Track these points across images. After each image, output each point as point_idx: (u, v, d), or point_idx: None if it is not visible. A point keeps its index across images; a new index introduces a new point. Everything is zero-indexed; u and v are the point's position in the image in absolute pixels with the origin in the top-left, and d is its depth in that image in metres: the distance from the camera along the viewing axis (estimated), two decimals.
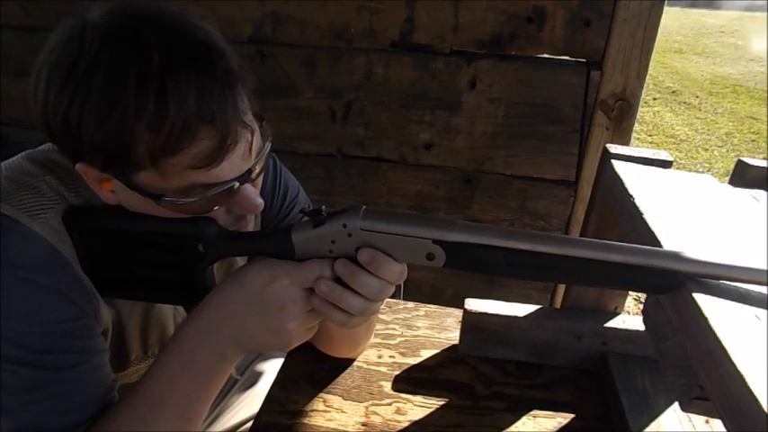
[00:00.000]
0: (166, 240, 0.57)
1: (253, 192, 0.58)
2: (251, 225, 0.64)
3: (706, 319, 0.41)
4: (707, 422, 0.71)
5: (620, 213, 0.65)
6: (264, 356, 1.05)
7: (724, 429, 0.39)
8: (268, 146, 0.60)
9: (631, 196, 0.62)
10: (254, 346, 0.58)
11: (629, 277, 0.49)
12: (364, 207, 0.54)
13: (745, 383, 0.35)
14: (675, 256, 0.48)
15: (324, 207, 0.55)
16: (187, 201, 0.54)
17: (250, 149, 0.56)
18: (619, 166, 0.71)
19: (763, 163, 0.68)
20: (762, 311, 0.43)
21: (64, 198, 0.58)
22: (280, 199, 0.80)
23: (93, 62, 0.49)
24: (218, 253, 0.58)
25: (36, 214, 0.55)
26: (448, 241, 0.52)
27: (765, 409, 0.33)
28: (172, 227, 0.57)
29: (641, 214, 0.58)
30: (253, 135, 0.56)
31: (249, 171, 0.57)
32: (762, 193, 0.65)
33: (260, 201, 0.59)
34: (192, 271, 0.58)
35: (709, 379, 0.40)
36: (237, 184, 0.55)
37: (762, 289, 0.46)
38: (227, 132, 0.52)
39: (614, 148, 0.74)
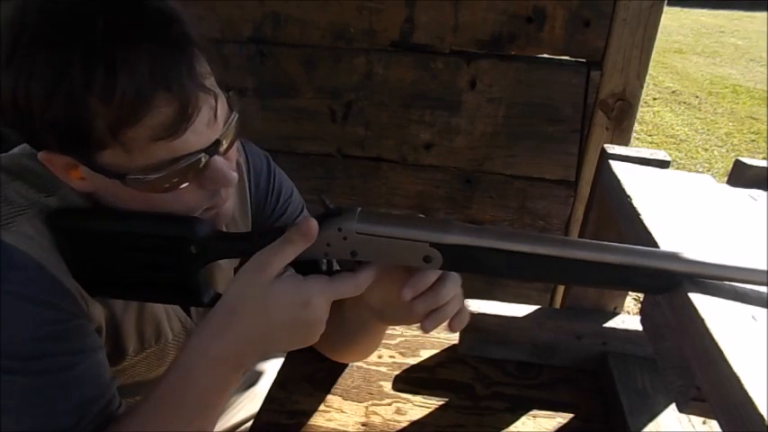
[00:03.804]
0: (157, 242, 0.56)
1: (224, 164, 0.56)
2: (230, 204, 0.62)
3: (703, 320, 0.41)
4: (704, 422, 0.71)
5: (617, 213, 0.66)
6: (266, 356, 1.05)
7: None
8: (236, 115, 0.57)
9: (629, 196, 0.62)
10: (275, 353, 0.58)
11: (626, 278, 0.49)
12: (359, 209, 0.53)
13: (742, 385, 0.35)
14: (672, 257, 0.48)
15: (323, 197, 0.53)
16: (154, 176, 0.51)
17: (215, 117, 0.54)
18: (616, 166, 0.71)
19: (760, 162, 0.68)
20: (758, 312, 0.43)
21: (35, 203, 0.56)
22: (274, 199, 0.79)
23: (35, 35, 0.48)
24: (211, 254, 0.57)
25: (6, 224, 0.53)
26: (445, 244, 0.52)
27: (761, 411, 0.33)
28: (162, 228, 0.56)
29: (638, 215, 0.58)
30: (217, 101, 0.54)
31: (217, 142, 0.54)
32: (760, 192, 0.65)
33: (233, 174, 0.57)
34: (185, 272, 0.57)
35: (705, 380, 0.40)
36: (206, 156, 0.53)
37: (759, 288, 0.46)
38: (187, 99, 0.50)
39: (612, 149, 0.75)
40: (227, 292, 0.55)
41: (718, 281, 0.46)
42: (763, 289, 0.46)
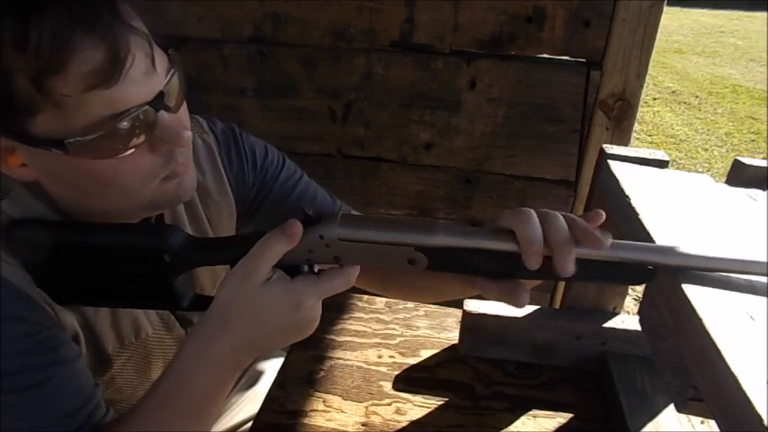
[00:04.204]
0: (129, 254, 0.54)
1: (174, 120, 0.53)
2: (194, 174, 0.60)
3: (700, 319, 0.41)
4: (702, 422, 0.71)
5: (616, 214, 0.66)
6: (265, 356, 1.05)
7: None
8: (176, 72, 0.54)
9: (627, 196, 0.62)
10: (272, 351, 0.57)
11: (607, 272, 0.50)
12: (341, 215, 0.52)
13: (739, 385, 0.35)
14: (648, 249, 0.48)
15: (305, 209, 0.52)
16: (96, 136, 0.47)
17: (153, 65, 0.50)
18: (615, 166, 0.71)
19: (759, 162, 0.68)
20: (756, 312, 0.43)
21: None
22: (251, 166, 0.76)
23: None
24: (186, 264, 0.56)
25: None
26: (430, 247, 0.51)
27: (758, 411, 0.33)
28: (133, 239, 0.54)
29: (637, 214, 0.58)
30: (152, 46, 0.50)
31: (161, 95, 0.51)
32: (758, 192, 0.65)
33: (187, 132, 0.54)
34: (161, 281, 0.55)
35: (703, 380, 0.40)
36: (152, 110, 0.50)
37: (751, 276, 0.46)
38: (115, 40, 0.46)
39: (611, 149, 0.75)
40: (218, 299, 0.53)
41: (692, 270, 0.47)
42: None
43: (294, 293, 0.51)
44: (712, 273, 0.47)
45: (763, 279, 0.46)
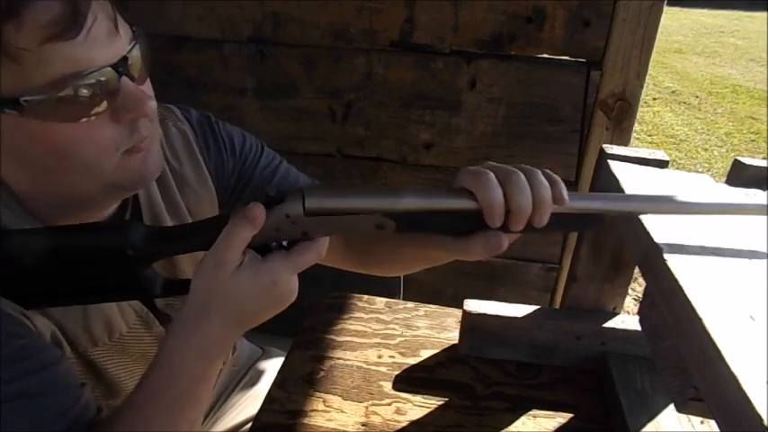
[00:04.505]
0: (93, 254, 0.53)
1: (137, 88, 0.52)
2: (159, 151, 0.58)
3: (700, 319, 0.41)
4: (702, 422, 0.71)
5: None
6: (266, 356, 1.05)
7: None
8: (138, 44, 0.53)
9: None
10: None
11: (562, 222, 0.54)
12: (305, 190, 0.51)
13: (739, 385, 0.35)
14: (594, 198, 0.54)
15: (267, 190, 0.51)
16: (55, 96, 0.46)
17: (117, 28, 0.50)
18: (615, 166, 0.71)
19: (759, 162, 0.68)
20: (756, 312, 0.43)
21: None
22: (229, 153, 0.75)
23: None
24: (151, 256, 0.54)
25: None
26: (397, 211, 0.51)
27: (758, 411, 0.33)
28: (94, 239, 0.53)
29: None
30: (114, 11, 0.50)
31: (125, 59, 0.50)
32: (758, 192, 0.65)
33: (152, 103, 0.53)
34: (129, 275, 0.54)
35: (703, 380, 0.40)
36: (114, 75, 0.49)
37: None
38: None
39: (610, 149, 0.75)
40: (194, 291, 0.52)
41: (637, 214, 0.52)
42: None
43: (268, 272, 0.51)
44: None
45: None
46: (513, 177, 0.50)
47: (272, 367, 1.02)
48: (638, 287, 2.39)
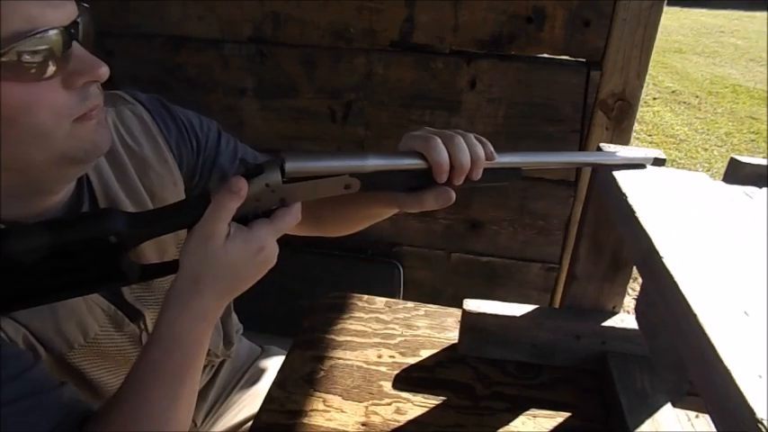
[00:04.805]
0: (75, 246, 0.52)
1: (88, 54, 0.52)
2: (111, 125, 0.59)
3: (695, 315, 0.41)
4: (697, 416, 0.72)
5: (614, 212, 0.66)
6: (266, 354, 1.05)
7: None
8: (83, 16, 0.53)
9: (624, 195, 0.62)
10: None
11: (491, 176, 0.63)
12: (282, 160, 0.55)
13: (734, 381, 0.35)
14: (516, 155, 0.64)
15: (246, 163, 0.54)
16: (11, 52, 0.46)
17: None
18: None
19: (756, 160, 0.68)
20: (751, 308, 0.43)
21: None
22: (191, 134, 0.75)
23: None
24: (133, 240, 0.55)
25: None
26: (364, 172, 0.58)
27: (752, 406, 0.33)
28: (74, 231, 0.52)
29: (634, 212, 0.58)
30: None
31: (76, 25, 0.51)
32: (755, 189, 0.65)
33: (104, 68, 0.53)
34: (109, 263, 0.54)
35: (698, 376, 0.40)
36: (66, 34, 0.49)
37: None
38: None
39: (608, 147, 0.75)
40: (184, 267, 0.54)
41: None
42: None
43: (255, 240, 0.55)
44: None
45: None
46: (454, 140, 0.59)
47: (272, 366, 1.02)
48: (637, 287, 2.39)
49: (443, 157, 0.58)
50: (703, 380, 0.39)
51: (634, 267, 0.80)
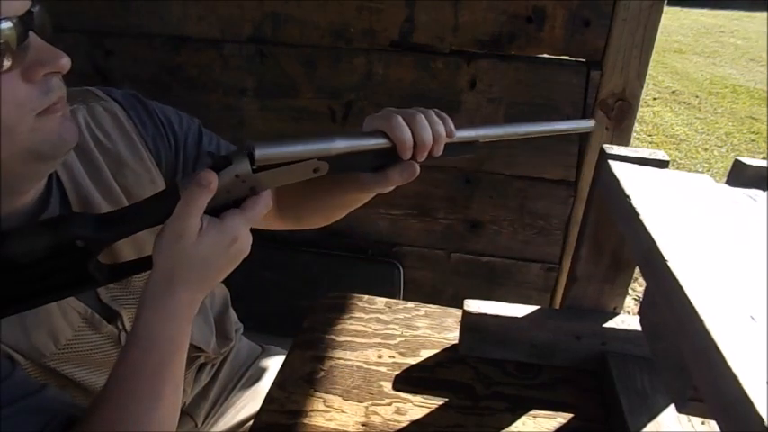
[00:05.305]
0: (41, 253, 0.51)
1: (47, 45, 0.51)
2: (71, 118, 0.57)
3: (701, 319, 0.41)
4: (703, 423, 0.71)
5: (616, 214, 0.66)
6: (267, 354, 1.05)
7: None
8: (44, 12, 0.53)
9: (627, 196, 0.62)
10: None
11: (451, 150, 0.64)
12: (248, 149, 0.54)
13: (740, 385, 0.35)
14: (472, 129, 0.65)
15: (209, 151, 0.53)
16: None
17: None
18: (615, 166, 0.71)
19: (759, 162, 0.68)
20: (757, 312, 0.43)
21: None
22: (169, 130, 0.74)
23: None
24: (101, 243, 0.53)
25: None
26: (331, 155, 0.58)
27: (759, 411, 0.33)
28: (41, 238, 0.51)
29: (637, 214, 0.58)
30: None
31: (31, 15, 0.50)
32: (759, 192, 0.65)
33: (65, 59, 0.52)
34: (76, 268, 0.53)
35: (703, 380, 0.40)
36: (21, 25, 0.48)
37: None
38: None
39: (611, 149, 0.75)
40: (158, 265, 0.53)
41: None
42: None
43: (228, 232, 0.54)
44: None
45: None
46: (416, 118, 0.60)
47: (272, 366, 1.02)
48: (638, 287, 2.39)
49: (407, 135, 0.60)
50: (709, 385, 0.39)
51: (635, 268, 0.80)
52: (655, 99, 5.42)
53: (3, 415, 0.51)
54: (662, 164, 0.72)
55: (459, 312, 0.86)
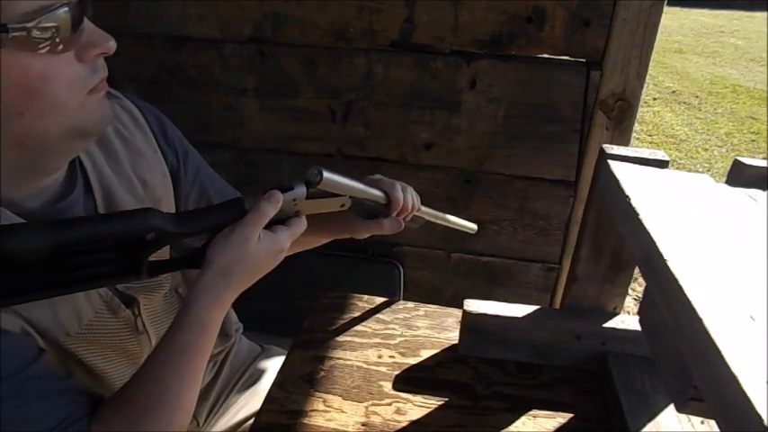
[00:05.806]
0: (112, 241, 0.54)
1: (97, 28, 0.56)
2: (108, 102, 0.62)
3: (701, 320, 0.41)
4: (702, 422, 0.71)
5: (616, 214, 0.66)
6: (266, 354, 1.05)
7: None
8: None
9: (627, 197, 0.62)
10: None
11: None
12: (308, 182, 0.65)
13: (740, 385, 0.35)
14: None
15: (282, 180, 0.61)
16: (33, 24, 0.48)
17: None
18: (615, 166, 0.71)
19: (759, 162, 0.68)
20: (756, 312, 0.43)
21: None
22: (176, 138, 0.79)
23: None
24: (170, 238, 0.58)
25: None
26: (356, 196, 0.71)
27: (759, 411, 0.33)
28: (119, 226, 0.54)
29: (637, 215, 0.58)
30: None
31: (82, 2, 0.54)
32: (759, 192, 0.65)
33: (113, 40, 0.57)
34: (136, 259, 0.56)
35: (703, 380, 0.40)
36: (78, 9, 0.52)
37: None
38: None
39: (610, 149, 0.75)
40: (216, 260, 0.60)
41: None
42: None
43: (279, 242, 0.64)
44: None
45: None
46: (407, 189, 0.80)
47: (272, 366, 1.02)
48: (638, 287, 2.39)
49: (403, 198, 0.77)
50: (709, 385, 0.39)
51: (635, 268, 0.80)
52: (655, 99, 5.42)
53: (36, 393, 0.54)
54: (662, 164, 0.72)
55: (459, 312, 0.87)
